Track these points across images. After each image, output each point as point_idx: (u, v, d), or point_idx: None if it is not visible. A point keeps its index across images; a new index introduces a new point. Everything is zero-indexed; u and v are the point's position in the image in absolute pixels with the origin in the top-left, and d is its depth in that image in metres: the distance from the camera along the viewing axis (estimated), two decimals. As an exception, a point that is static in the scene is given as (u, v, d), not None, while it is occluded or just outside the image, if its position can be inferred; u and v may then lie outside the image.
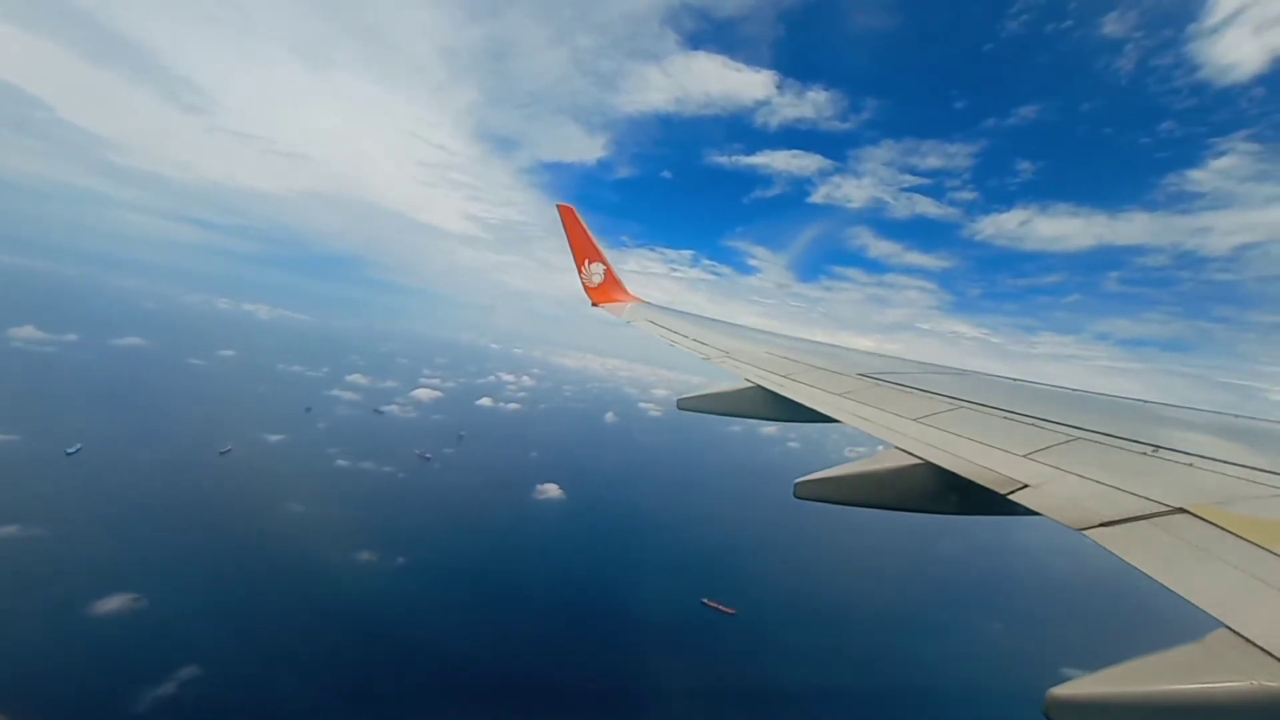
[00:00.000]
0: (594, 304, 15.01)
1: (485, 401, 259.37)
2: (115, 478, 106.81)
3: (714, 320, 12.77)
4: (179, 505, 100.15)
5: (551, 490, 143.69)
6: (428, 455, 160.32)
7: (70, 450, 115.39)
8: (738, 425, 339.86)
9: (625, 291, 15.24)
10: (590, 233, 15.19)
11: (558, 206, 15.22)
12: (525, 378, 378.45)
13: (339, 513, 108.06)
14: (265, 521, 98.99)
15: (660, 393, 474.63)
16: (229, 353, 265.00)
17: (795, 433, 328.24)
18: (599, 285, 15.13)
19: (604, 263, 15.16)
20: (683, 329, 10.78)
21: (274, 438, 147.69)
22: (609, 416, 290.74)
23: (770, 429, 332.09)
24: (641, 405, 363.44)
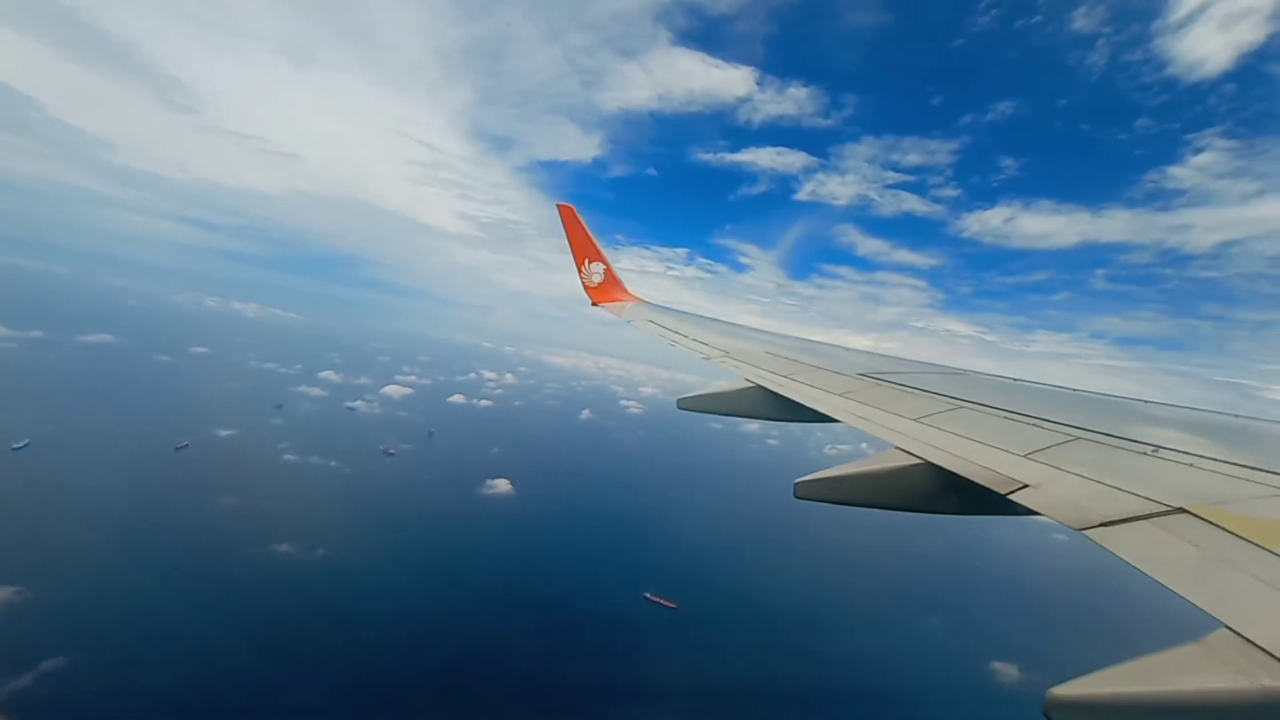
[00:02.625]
0: (594, 303, 14.99)
1: (457, 398, 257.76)
2: (56, 473, 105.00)
3: (714, 320, 12.76)
4: (110, 500, 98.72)
5: (501, 485, 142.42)
6: (391, 451, 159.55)
7: (17, 445, 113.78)
8: (718, 423, 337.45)
9: (625, 291, 15.21)
10: (590, 232, 15.17)
11: (558, 206, 15.18)
12: (508, 376, 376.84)
13: (271, 506, 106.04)
14: (189, 515, 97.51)
15: (647, 391, 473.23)
16: (202, 350, 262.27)
17: (777, 430, 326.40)
18: (599, 285, 15.13)
19: (604, 262, 15.15)
20: (683, 329, 10.80)
21: (225, 433, 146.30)
22: (585, 414, 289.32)
23: (752, 426, 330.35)
24: (623, 403, 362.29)
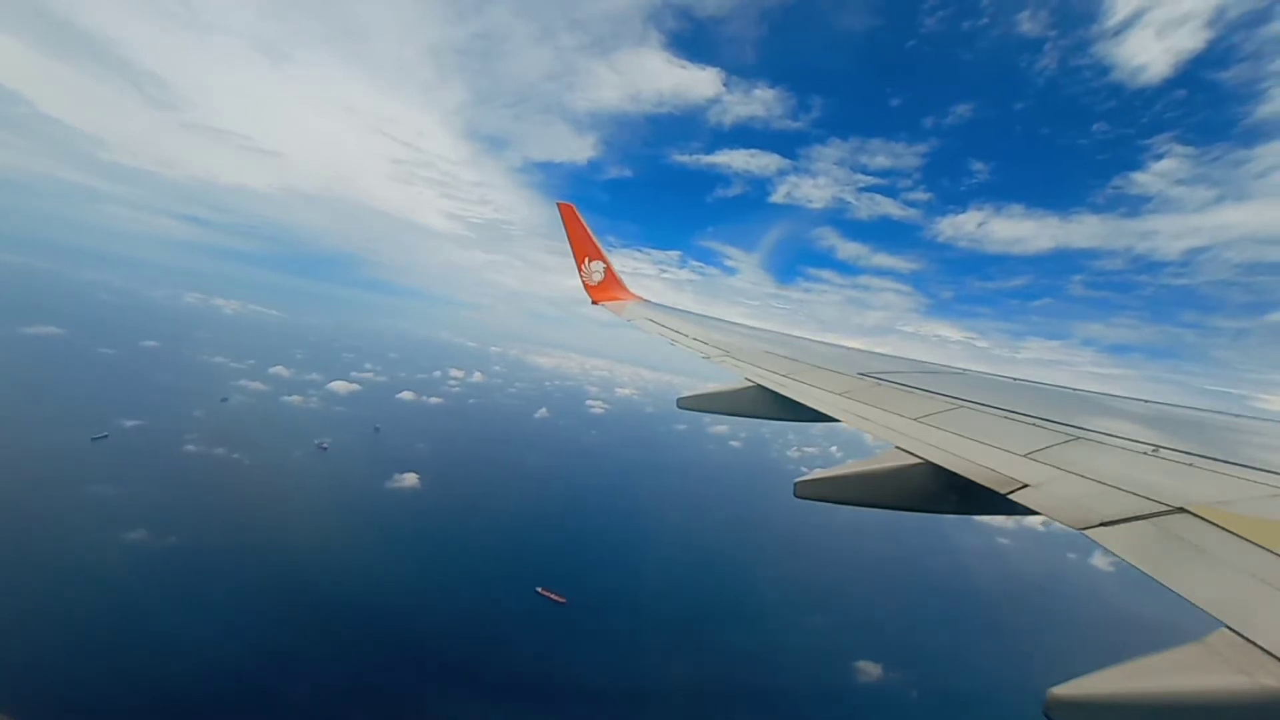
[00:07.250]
0: (594, 302, 14.97)
1: (407, 395, 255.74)
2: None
3: (715, 319, 12.57)
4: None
5: (408, 479, 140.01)
6: (325, 445, 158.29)
7: None
8: (683, 424, 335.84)
9: (625, 290, 15.15)
10: (590, 231, 15.12)
11: (558, 205, 15.06)
12: (476, 374, 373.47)
13: (143, 495, 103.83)
14: (51, 505, 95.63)
15: (624, 392, 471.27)
16: (151, 343, 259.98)
17: (745, 432, 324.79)
18: (599, 284, 15.14)
19: (604, 261, 15.10)
20: (683, 328, 10.71)
21: (130, 423, 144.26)
22: (541, 413, 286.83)
23: (719, 428, 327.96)
24: (588, 403, 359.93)
